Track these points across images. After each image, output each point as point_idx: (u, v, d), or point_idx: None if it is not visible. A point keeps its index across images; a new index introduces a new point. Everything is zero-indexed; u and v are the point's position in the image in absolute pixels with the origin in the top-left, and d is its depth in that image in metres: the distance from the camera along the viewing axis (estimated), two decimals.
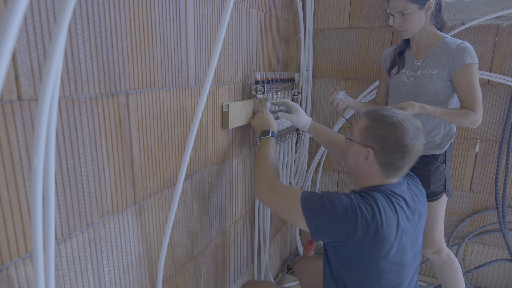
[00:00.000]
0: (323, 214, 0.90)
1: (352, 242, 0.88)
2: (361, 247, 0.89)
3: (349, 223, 0.87)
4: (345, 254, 0.93)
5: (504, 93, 1.72)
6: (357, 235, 0.87)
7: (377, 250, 0.89)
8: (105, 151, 0.76)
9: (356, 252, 0.90)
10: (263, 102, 1.42)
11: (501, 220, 1.77)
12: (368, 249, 0.89)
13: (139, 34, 0.81)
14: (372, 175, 0.98)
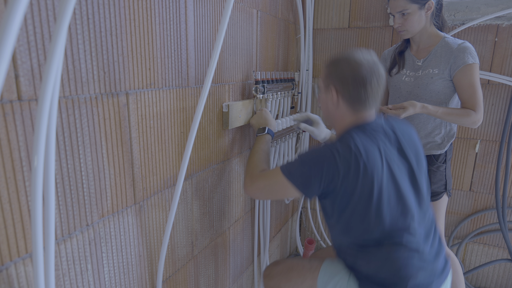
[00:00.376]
0: (304, 169, 0.95)
1: (340, 182, 0.91)
2: (350, 184, 0.91)
3: (329, 164, 0.91)
4: (340, 201, 0.95)
5: (504, 93, 1.72)
6: (341, 173, 0.90)
7: (366, 182, 0.91)
8: (105, 151, 0.76)
9: (349, 193, 0.92)
10: (263, 102, 1.42)
11: (501, 220, 1.77)
12: (358, 184, 0.91)
13: (139, 34, 0.81)
14: (344, 116, 1.02)
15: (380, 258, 0.95)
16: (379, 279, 0.96)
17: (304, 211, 2.29)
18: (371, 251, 0.97)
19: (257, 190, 1.04)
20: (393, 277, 0.95)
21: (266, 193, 1.04)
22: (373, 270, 0.97)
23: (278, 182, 0.99)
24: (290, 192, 0.98)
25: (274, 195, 1.03)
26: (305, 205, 2.25)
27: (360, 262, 1.00)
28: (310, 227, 2.29)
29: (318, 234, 2.27)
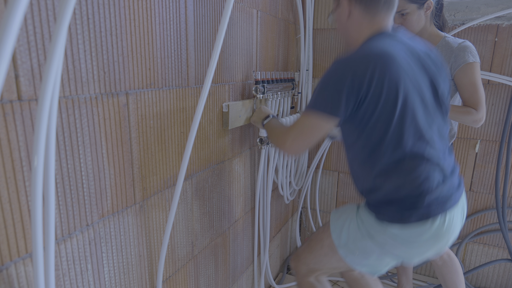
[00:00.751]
0: (327, 93, 0.93)
1: (366, 90, 0.89)
2: (376, 91, 0.89)
3: (353, 75, 0.89)
4: (365, 112, 0.92)
5: (504, 93, 1.72)
6: (367, 79, 0.88)
7: (391, 87, 0.89)
8: (105, 151, 0.76)
9: (375, 100, 0.90)
10: (263, 102, 1.42)
11: (501, 220, 1.77)
12: (383, 90, 0.89)
13: (139, 34, 0.81)
14: (360, 26, 1.00)
15: (401, 173, 0.95)
16: (398, 198, 0.95)
17: (304, 211, 2.29)
18: (392, 168, 0.95)
19: (294, 142, 1.01)
20: (413, 192, 0.94)
21: (303, 140, 1.00)
22: (392, 189, 0.96)
23: (308, 121, 0.96)
24: (323, 125, 0.95)
25: (311, 138, 0.99)
26: (305, 205, 2.25)
27: (378, 184, 0.98)
28: (310, 227, 2.29)
29: None
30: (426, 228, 0.94)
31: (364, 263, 1.06)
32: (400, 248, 0.99)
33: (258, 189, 1.49)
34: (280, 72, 1.57)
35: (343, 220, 1.10)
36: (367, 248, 1.03)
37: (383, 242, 0.99)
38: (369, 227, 1.02)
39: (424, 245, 0.97)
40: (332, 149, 2.12)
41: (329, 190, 2.19)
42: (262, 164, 1.47)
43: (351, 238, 1.05)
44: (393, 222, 0.96)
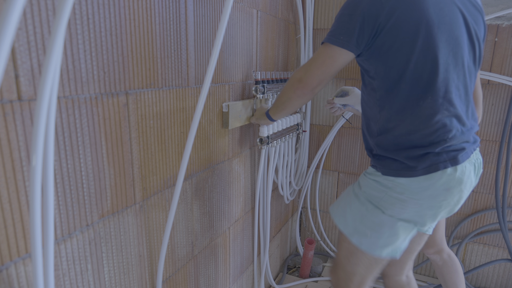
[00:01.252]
0: (342, 21, 0.91)
1: (381, 21, 0.87)
2: (398, 20, 0.86)
3: (369, 3, 0.87)
4: (383, 44, 0.90)
5: (504, 93, 1.72)
6: (386, 8, 0.86)
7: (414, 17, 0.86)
8: (105, 151, 0.76)
9: (392, 36, 0.88)
10: (263, 102, 1.42)
11: (501, 220, 1.77)
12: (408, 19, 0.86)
13: (139, 34, 0.81)
14: None
15: (417, 115, 0.91)
16: (408, 145, 0.93)
17: (304, 211, 2.29)
18: (408, 108, 0.92)
19: (307, 73, 0.98)
20: (424, 139, 0.91)
21: (316, 71, 0.96)
22: (403, 133, 0.93)
23: (322, 53, 0.94)
24: (337, 57, 0.93)
25: (325, 69, 0.95)
26: (305, 205, 2.25)
27: (390, 127, 0.95)
28: (310, 227, 2.30)
29: (318, 234, 2.27)
30: (435, 179, 0.91)
31: (380, 243, 1.01)
32: (409, 208, 0.95)
33: (258, 189, 1.49)
34: (280, 72, 1.57)
35: (343, 205, 1.07)
36: (376, 223, 0.99)
37: (391, 204, 0.96)
38: (374, 191, 0.99)
39: (435, 199, 0.94)
40: (332, 149, 2.12)
41: (329, 190, 2.19)
42: (262, 164, 1.47)
43: (357, 218, 1.02)
44: (400, 176, 0.93)
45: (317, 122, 2.10)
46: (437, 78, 0.90)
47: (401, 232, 1.00)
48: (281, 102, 1.13)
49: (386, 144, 0.97)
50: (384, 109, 0.96)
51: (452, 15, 0.91)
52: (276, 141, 1.49)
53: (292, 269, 2.17)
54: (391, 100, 0.94)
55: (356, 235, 1.03)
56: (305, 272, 2.06)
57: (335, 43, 0.92)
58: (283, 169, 1.76)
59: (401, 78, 0.91)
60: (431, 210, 0.96)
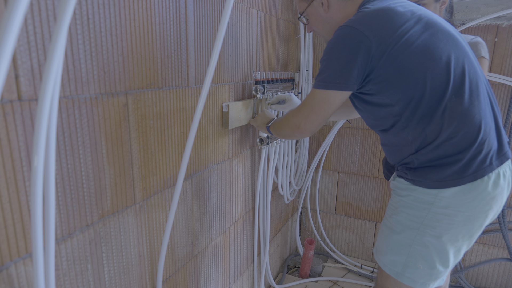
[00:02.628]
0: (334, 64, 0.89)
1: (374, 50, 0.86)
2: (388, 46, 0.86)
3: (358, 39, 0.86)
4: (381, 74, 0.88)
5: (504, 93, 1.72)
6: (374, 41, 0.85)
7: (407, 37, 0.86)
8: (105, 151, 0.76)
9: (389, 59, 0.87)
10: (263, 102, 1.42)
11: (501, 220, 1.77)
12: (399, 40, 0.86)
13: (139, 34, 0.81)
14: (345, 9, 0.99)
15: (452, 118, 0.87)
16: (454, 150, 0.88)
17: (304, 211, 2.29)
18: (441, 117, 0.88)
19: (306, 120, 0.97)
20: (468, 138, 0.87)
21: (315, 117, 0.95)
22: (446, 143, 0.88)
23: (317, 98, 0.93)
24: (334, 100, 0.92)
25: (323, 114, 0.94)
26: (305, 205, 2.25)
27: (430, 142, 0.90)
28: (310, 227, 2.30)
29: (318, 234, 2.27)
30: (482, 189, 0.87)
31: (434, 273, 0.94)
32: (456, 222, 0.89)
33: (258, 189, 1.49)
34: (280, 72, 1.57)
35: (381, 246, 1.00)
36: (423, 248, 0.92)
37: (437, 221, 0.90)
38: (415, 211, 0.92)
39: (482, 209, 0.89)
40: (332, 149, 2.12)
41: (329, 190, 2.19)
42: (262, 164, 1.47)
43: (402, 252, 0.95)
44: (445, 187, 0.88)
45: None
46: (454, 75, 0.87)
47: (451, 255, 0.93)
48: (281, 135, 1.15)
49: (428, 156, 0.91)
50: (416, 128, 0.91)
51: (431, 18, 0.91)
52: (276, 141, 1.49)
53: (292, 269, 2.17)
54: (420, 116, 0.90)
55: (407, 272, 0.95)
56: (305, 272, 2.06)
57: (333, 88, 0.91)
58: (283, 169, 1.76)
59: (423, 91, 0.88)
60: (479, 221, 0.91)
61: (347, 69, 0.88)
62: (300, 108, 1.00)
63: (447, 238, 0.91)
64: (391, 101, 0.91)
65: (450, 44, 0.90)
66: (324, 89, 0.92)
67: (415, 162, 0.93)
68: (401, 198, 0.97)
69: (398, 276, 0.96)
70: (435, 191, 0.89)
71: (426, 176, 0.91)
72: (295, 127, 1.01)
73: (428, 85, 0.87)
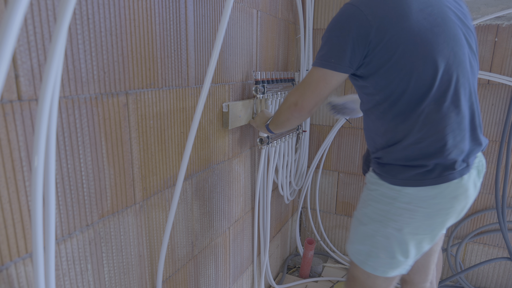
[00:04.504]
0: (332, 43, 0.89)
1: (373, 36, 0.85)
2: (389, 36, 0.85)
3: (358, 20, 0.85)
4: (374, 61, 0.89)
5: (504, 93, 1.72)
6: (375, 25, 0.84)
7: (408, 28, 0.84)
8: (105, 151, 0.76)
9: (384, 49, 0.86)
10: (263, 102, 1.42)
11: (501, 220, 1.77)
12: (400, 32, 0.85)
13: (139, 34, 0.81)
14: None
15: (425, 125, 0.90)
16: (420, 154, 0.91)
17: (304, 211, 2.29)
18: (415, 120, 0.90)
19: (302, 97, 0.98)
20: (435, 145, 0.90)
21: (311, 94, 0.96)
22: (414, 146, 0.91)
23: (314, 76, 0.93)
24: (330, 80, 0.92)
25: (319, 92, 0.95)
26: (305, 205, 2.25)
27: (399, 140, 0.93)
28: (310, 227, 2.30)
29: (318, 234, 2.27)
30: (443, 188, 0.91)
31: (394, 263, 0.99)
32: (417, 217, 0.94)
33: (258, 189, 1.49)
34: (280, 72, 1.57)
35: (351, 236, 1.06)
36: (385, 240, 0.97)
37: (399, 215, 0.94)
38: (380, 204, 0.97)
39: (443, 207, 0.93)
40: (332, 149, 2.12)
41: (329, 190, 2.19)
42: (262, 164, 1.47)
43: (367, 242, 1.01)
44: (408, 186, 0.93)
45: (317, 122, 2.10)
46: (439, 82, 0.88)
47: (412, 247, 0.98)
48: (280, 122, 1.14)
49: (396, 154, 0.95)
50: (391, 122, 0.95)
51: (443, 15, 0.90)
52: (276, 141, 1.49)
53: (292, 269, 2.17)
54: (396, 112, 0.93)
55: (369, 261, 1.01)
56: (305, 272, 2.06)
57: (327, 66, 0.91)
58: (283, 169, 1.76)
59: (404, 90, 0.89)
60: (440, 218, 0.95)
61: (343, 51, 0.88)
62: (297, 86, 1.01)
63: (407, 231, 0.95)
64: (374, 90, 0.94)
65: (450, 48, 0.89)
66: (321, 67, 0.93)
67: (384, 158, 0.98)
68: (370, 192, 1.02)
69: (361, 264, 1.03)
70: (399, 188, 0.94)
71: (392, 173, 0.95)
72: (293, 104, 1.02)
73: (411, 85, 0.88)
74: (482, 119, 1.77)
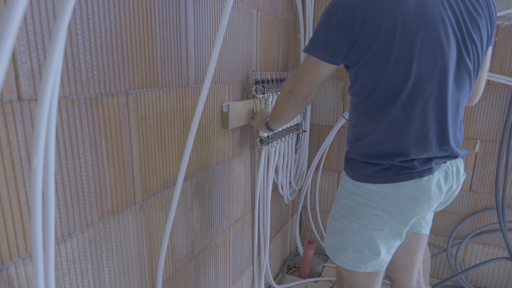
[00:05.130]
0: (320, 31, 0.91)
1: (359, 29, 0.85)
2: (372, 28, 0.84)
3: (345, 11, 0.86)
4: (360, 53, 0.89)
5: (504, 93, 1.72)
6: (360, 15, 0.84)
7: (391, 21, 0.83)
8: (105, 151, 0.76)
9: (366, 43, 0.86)
10: (263, 102, 1.42)
11: (501, 220, 1.77)
12: (382, 25, 0.84)
13: (139, 34, 0.81)
14: None
15: (388, 128, 0.91)
16: (379, 154, 0.93)
17: (304, 211, 2.29)
18: (380, 122, 0.92)
19: (296, 84, 0.99)
20: (394, 149, 0.91)
21: (304, 82, 0.97)
22: (374, 146, 0.93)
23: (305, 64, 0.95)
24: (319, 69, 0.93)
25: (311, 80, 0.96)
26: (305, 205, 2.25)
27: (363, 136, 0.95)
28: (310, 227, 2.30)
29: (318, 234, 2.27)
30: (400, 188, 0.92)
31: (363, 258, 1.02)
32: (379, 214, 0.96)
33: (258, 189, 1.49)
34: (280, 72, 1.57)
35: (327, 232, 1.10)
36: (352, 236, 1.00)
37: (362, 211, 0.97)
38: (346, 200, 1.01)
39: (402, 207, 0.94)
40: (332, 149, 2.12)
41: (329, 190, 2.19)
42: (262, 164, 1.47)
43: (337, 237, 1.05)
44: (366, 182, 0.96)
45: (317, 122, 2.10)
46: (410, 90, 0.87)
47: (379, 243, 1.00)
48: (278, 113, 1.15)
49: (358, 151, 0.98)
50: (360, 116, 0.97)
51: (437, 20, 0.85)
52: (276, 141, 1.49)
53: (292, 269, 2.17)
54: (366, 108, 0.94)
55: (339, 255, 1.05)
56: (305, 272, 2.06)
57: (313, 53, 0.93)
58: (283, 169, 1.76)
59: (375, 88, 0.90)
60: (402, 217, 0.96)
61: (328, 39, 0.89)
62: (293, 74, 1.03)
63: (371, 227, 0.98)
64: (354, 80, 0.95)
65: (432, 57, 0.86)
66: (309, 54, 0.94)
67: (350, 153, 1.01)
68: (340, 189, 1.07)
69: (333, 258, 1.07)
70: (360, 184, 0.98)
71: (354, 169, 0.99)
72: (288, 92, 1.03)
73: (382, 85, 0.89)
74: (482, 119, 1.77)
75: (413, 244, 1.19)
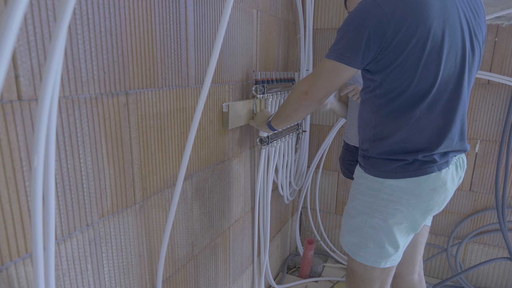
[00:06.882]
0: (348, 36, 0.90)
1: (392, 37, 0.86)
2: (405, 37, 0.86)
3: (376, 17, 0.85)
4: (389, 59, 0.90)
5: (504, 93, 1.72)
6: (393, 24, 0.85)
7: (423, 31, 0.85)
8: (105, 151, 0.76)
9: (397, 49, 0.87)
10: (263, 102, 1.42)
11: (501, 220, 1.77)
12: (415, 35, 0.86)
13: (139, 34, 0.81)
14: None
15: (414, 128, 0.94)
16: (403, 151, 0.96)
17: (304, 211, 2.29)
18: (406, 122, 0.94)
19: (313, 86, 0.99)
20: (418, 146, 0.95)
21: (322, 84, 0.98)
22: (398, 145, 0.96)
23: (326, 67, 0.95)
24: (344, 72, 0.94)
25: (329, 84, 0.97)
26: (305, 205, 2.25)
27: (386, 136, 0.97)
28: (310, 227, 2.30)
29: (318, 234, 2.27)
30: (422, 181, 0.96)
31: (383, 252, 1.04)
32: (401, 208, 0.98)
33: (258, 189, 1.49)
34: (280, 72, 1.57)
35: (343, 229, 1.11)
36: (373, 231, 1.02)
37: (384, 206, 1.00)
38: (366, 197, 1.02)
39: (423, 199, 0.98)
40: (332, 149, 2.12)
41: (329, 190, 2.19)
42: (262, 164, 1.47)
43: (356, 234, 1.06)
44: (389, 178, 0.98)
45: (317, 122, 2.10)
46: (436, 91, 0.92)
47: (398, 237, 1.03)
48: (287, 114, 1.14)
49: (380, 149, 1.00)
50: (383, 117, 0.98)
51: (457, 25, 0.91)
52: (276, 141, 1.49)
53: (292, 269, 2.17)
54: (390, 109, 0.96)
55: (360, 251, 1.07)
56: (305, 272, 2.06)
57: (341, 60, 0.93)
58: (283, 169, 1.76)
59: (403, 91, 0.92)
60: (422, 208, 1.00)
61: (359, 46, 0.89)
62: (308, 76, 1.03)
63: (392, 222, 1.01)
64: (378, 83, 0.96)
65: (453, 59, 0.92)
66: (335, 61, 0.94)
67: (370, 151, 1.02)
68: (357, 186, 1.08)
69: (354, 255, 1.09)
70: (382, 180, 1.00)
71: (375, 166, 1.01)
72: (303, 93, 1.03)
73: (411, 88, 0.92)
74: (482, 119, 1.77)
75: (418, 236, 1.23)
